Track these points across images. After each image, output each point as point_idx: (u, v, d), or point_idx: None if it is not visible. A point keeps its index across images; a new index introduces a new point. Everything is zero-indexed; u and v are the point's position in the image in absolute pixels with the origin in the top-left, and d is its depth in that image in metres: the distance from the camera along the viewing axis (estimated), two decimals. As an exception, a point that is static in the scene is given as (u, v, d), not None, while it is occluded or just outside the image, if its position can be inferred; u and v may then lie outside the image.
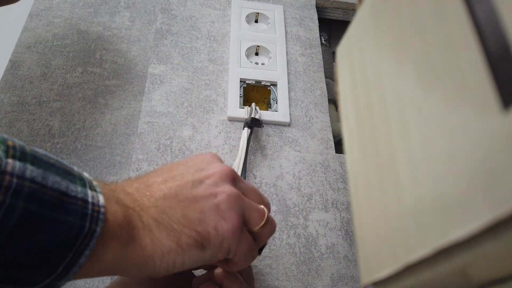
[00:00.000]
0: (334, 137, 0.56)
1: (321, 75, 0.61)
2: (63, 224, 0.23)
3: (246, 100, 0.58)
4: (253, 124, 0.51)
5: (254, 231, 0.32)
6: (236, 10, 0.64)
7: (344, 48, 0.35)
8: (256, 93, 0.59)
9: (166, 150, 0.50)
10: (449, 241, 0.18)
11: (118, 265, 0.26)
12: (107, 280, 0.42)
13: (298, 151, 0.53)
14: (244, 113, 0.53)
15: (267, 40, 0.61)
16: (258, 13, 0.64)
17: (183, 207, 0.29)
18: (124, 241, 0.26)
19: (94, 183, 0.27)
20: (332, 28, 0.74)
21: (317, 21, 0.67)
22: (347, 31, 0.34)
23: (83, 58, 0.59)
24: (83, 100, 0.55)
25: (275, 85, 0.58)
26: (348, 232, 0.48)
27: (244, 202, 0.31)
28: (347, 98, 0.33)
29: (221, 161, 0.33)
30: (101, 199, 0.26)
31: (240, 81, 0.57)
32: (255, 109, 0.53)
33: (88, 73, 0.58)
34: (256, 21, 0.65)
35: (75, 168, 0.26)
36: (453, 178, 0.18)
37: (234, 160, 0.50)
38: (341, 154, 0.54)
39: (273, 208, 0.48)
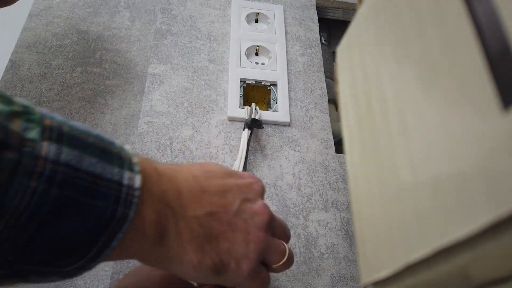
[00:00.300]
0: (334, 137, 0.56)
1: (321, 75, 0.61)
2: (96, 209, 0.23)
3: (246, 100, 0.58)
4: (253, 125, 0.51)
5: (271, 267, 0.33)
6: (236, 10, 0.64)
7: (344, 48, 0.35)
8: (256, 93, 0.59)
9: (166, 150, 0.50)
10: (449, 241, 0.18)
11: (140, 256, 0.27)
12: (107, 280, 0.42)
13: (298, 151, 0.53)
14: (244, 113, 0.53)
15: (267, 40, 0.61)
16: (258, 13, 0.64)
17: (220, 232, 0.30)
18: (150, 240, 0.26)
19: (135, 160, 0.26)
20: (332, 28, 0.74)
21: (317, 21, 0.67)
22: (347, 31, 0.34)
23: (83, 58, 0.59)
24: (83, 100, 0.55)
25: (275, 85, 0.58)
26: (348, 232, 0.48)
27: (270, 245, 0.32)
28: (347, 98, 0.33)
29: (263, 195, 0.34)
30: (138, 182, 0.25)
31: (240, 81, 0.57)
32: (255, 109, 0.53)
33: (88, 73, 0.58)
34: (256, 21, 0.65)
35: (117, 143, 0.25)
36: (453, 178, 0.18)
37: (235, 160, 0.50)
38: (341, 154, 0.54)
39: (273, 208, 0.48)
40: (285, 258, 0.33)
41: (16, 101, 0.21)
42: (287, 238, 0.35)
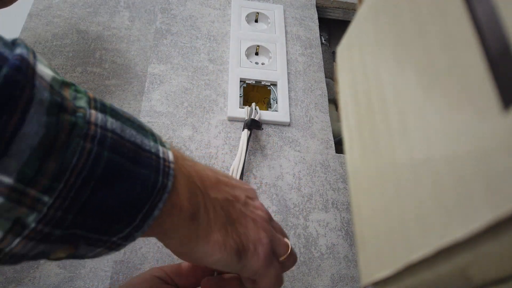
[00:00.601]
0: (334, 137, 0.56)
1: (321, 75, 0.61)
2: (141, 176, 0.24)
3: (246, 100, 0.58)
4: (253, 125, 0.51)
5: (280, 260, 0.35)
6: (236, 9, 0.64)
7: (345, 48, 0.35)
8: (256, 93, 0.59)
9: (166, 150, 0.50)
10: (449, 241, 0.18)
11: (171, 231, 0.28)
12: (107, 280, 0.42)
13: (298, 151, 0.53)
14: (244, 113, 0.53)
15: (267, 40, 0.61)
16: (258, 13, 0.64)
17: (236, 217, 0.32)
18: (185, 214, 0.27)
19: (164, 139, 0.28)
20: (332, 27, 0.74)
21: (317, 21, 0.67)
22: (348, 30, 0.34)
23: (82, 58, 0.59)
24: (83, 100, 0.55)
25: (275, 85, 0.58)
26: (348, 232, 0.48)
27: (274, 236, 0.34)
28: (347, 98, 0.33)
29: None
30: (171, 156, 0.26)
31: (240, 81, 0.57)
32: (255, 109, 0.53)
33: (87, 73, 0.58)
34: (256, 21, 0.65)
35: (144, 123, 0.27)
36: (453, 178, 0.18)
37: (234, 160, 0.50)
38: (341, 154, 0.54)
39: (273, 208, 0.48)
40: (289, 250, 0.35)
41: None
42: (286, 237, 0.37)
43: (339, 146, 0.55)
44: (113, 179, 0.23)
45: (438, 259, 0.20)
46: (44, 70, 0.21)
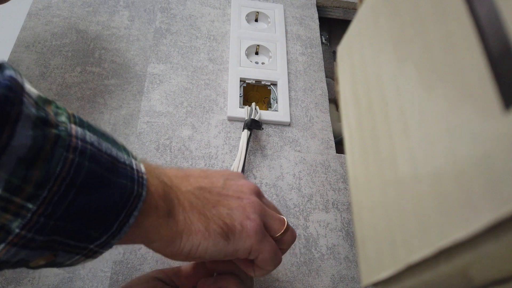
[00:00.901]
0: (334, 137, 0.56)
1: (322, 74, 0.61)
2: (118, 185, 0.25)
3: (246, 99, 0.58)
4: (253, 125, 0.51)
5: (276, 237, 0.34)
6: (236, 9, 0.64)
7: (345, 48, 0.34)
8: (256, 92, 0.58)
9: (165, 150, 0.50)
10: (450, 242, 0.18)
11: (152, 233, 0.29)
12: (106, 281, 0.42)
13: (299, 151, 0.53)
14: (244, 113, 0.53)
15: (267, 39, 0.61)
16: (258, 12, 0.64)
17: (215, 201, 0.32)
18: (161, 212, 0.29)
19: (134, 154, 0.29)
20: (333, 27, 0.74)
21: (317, 20, 0.67)
22: (348, 30, 0.34)
23: (82, 57, 0.59)
24: (82, 100, 0.55)
25: (275, 84, 0.57)
26: (348, 233, 0.48)
27: (266, 211, 0.34)
28: (347, 97, 0.33)
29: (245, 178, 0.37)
30: (142, 168, 0.28)
31: (240, 81, 0.56)
32: (255, 109, 0.53)
33: (87, 73, 0.57)
34: (256, 20, 0.65)
35: (118, 139, 0.29)
36: (454, 178, 0.18)
37: (234, 160, 0.50)
38: (342, 154, 0.54)
39: (273, 208, 0.48)
40: (285, 226, 0.34)
41: None
42: (279, 214, 0.37)
43: (339, 146, 0.55)
44: (92, 187, 0.24)
45: (438, 259, 0.19)
46: (30, 89, 0.23)
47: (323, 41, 0.69)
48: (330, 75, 0.64)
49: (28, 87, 0.23)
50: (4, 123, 0.20)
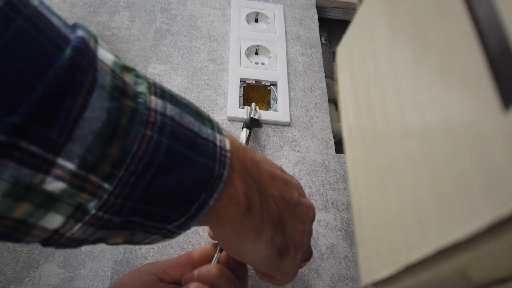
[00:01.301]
0: (334, 137, 0.56)
1: (321, 74, 0.61)
2: (198, 164, 0.23)
3: (246, 100, 0.58)
4: (252, 124, 0.51)
5: (301, 264, 0.35)
6: (236, 9, 0.64)
7: (345, 48, 0.35)
8: (256, 92, 0.59)
9: (165, 150, 0.50)
10: (449, 241, 0.18)
11: (226, 223, 0.27)
12: (107, 281, 0.42)
13: (298, 151, 0.53)
14: (244, 113, 0.53)
15: (267, 40, 0.61)
16: (258, 13, 0.64)
17: (287, 215, 0.31)
18: (241, 206, 0.27)
19: (221, 127, 0.27)
20: (332, 27, 0.74)
21: (317, 21, 0.67)
22: (348, 30, 0.34)
23: (82, 58, 0.59)
24: (82, 100, 0.55)
25: (275, 84, 0.58)
26: (348, 233, 0.48)
27: (310, 241, 0.35)
28: (347, 97, 0.33)
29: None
30: (228, 145, 0.26)
31: (240, 81, 0.57)
32: (255, 109, 0.53)
33: (87, 73, 0.58)
34: (256, 21, 0.65)
35: (203, 111, 0.27)
36: (453, 178, 0.18)
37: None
38: (342, 154, 0.54)
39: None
40: (311, 255, 0.36)
41: None
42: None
43: (339, 146, 0.55)
44: (171, 167, 0.22)
45: (438, 259, 0.20)
46: (105, 54, 0.21)
47: (323, 41, 0.69)
48: (330, 75, 0.65)
49: (102, 52, 0.21)
50: (76, 93, 0.18)
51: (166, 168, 0.22)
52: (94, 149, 0.19)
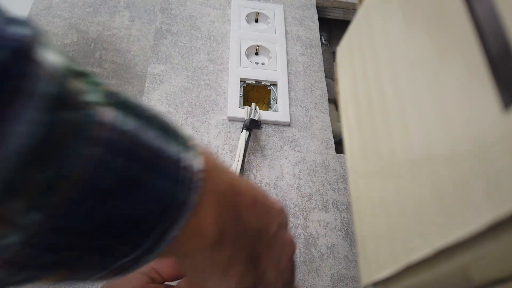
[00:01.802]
0: (334, 137, 0.56)
1: (321, 74, 0.61)
2: (155, 190, 0.20)
3: (246, 100, 0.58)
4: (252, 126, 0.51)
5: None
6: (236, 9, 0.64)
7: (345, 48, 0.35)
8: (256, 93, 0.59)
9: (166, 150, 0.50)
10: (449, 241, 0.18)
11: (189, 257, 0.24)
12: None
13: (298, 151, 0.53)
14: (244, 113, 0.53)
15: (267, 40, 0.61)
16: (258, 13, 0.64)
17: (261, 252, 0.27)
18: (209, 239, 0.23)
19: (192, 142, 0.22)
20: (333, 27, 0.74)
21: (317, 21, 0.67)
22: (348, 30, 0.34)
23: (82, 58, 0.59)
24: (82, 100, 0.55)
25: (275, 85, 0.58)
26: (348, 233, 0.48)
27: (290, 280, 0.31)
28: (347, 97, 0.33)
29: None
30: (198, 164, 0.21)
31: (240, 81, 0.57)
32: (255, 109, 0.53)
33: (87, 73, 0.58)
34: (256, 21, 0.65)
35: (170, 122, 0.22)
36: (453, 178, 0.18)
37: (233, 161, 0.50)
38: (342, 154, 0.54)
39: (273, 208, 0.48)
40: None
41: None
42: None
43: (339, 146, 0.55)
44: (121, 192, 0.19)
45: (438, 259, 0.20)
46: (49, 56, 0.17)
47: (323, 41, 0.69)
48: (330, 75, 0.65)
49: (45, 53, 0.17)
50: (2, 102, 0.15)
51: (114, 194, 0.18)
52: (20, 170, 0.16)
